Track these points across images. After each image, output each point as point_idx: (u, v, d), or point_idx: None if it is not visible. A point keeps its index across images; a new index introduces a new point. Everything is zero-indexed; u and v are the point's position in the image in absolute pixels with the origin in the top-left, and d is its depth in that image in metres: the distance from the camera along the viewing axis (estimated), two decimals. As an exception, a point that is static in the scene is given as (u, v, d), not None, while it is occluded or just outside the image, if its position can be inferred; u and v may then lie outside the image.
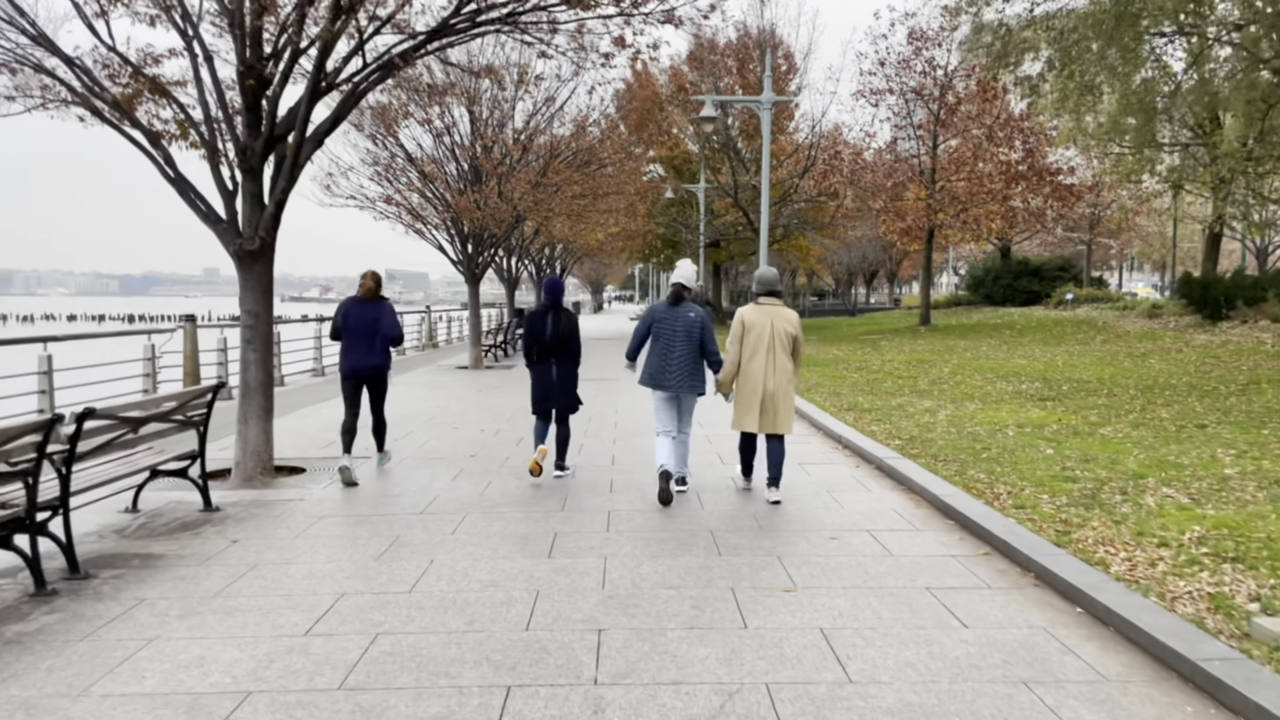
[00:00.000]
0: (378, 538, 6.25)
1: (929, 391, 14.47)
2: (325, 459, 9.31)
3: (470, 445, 10.12)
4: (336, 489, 7.88)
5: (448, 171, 19.57)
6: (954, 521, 6.59)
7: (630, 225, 31.26)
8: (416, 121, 18.92)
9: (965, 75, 31.11)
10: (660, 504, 7.18)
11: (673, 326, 7.44)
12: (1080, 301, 37.84)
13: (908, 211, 31.07)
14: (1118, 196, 41.00)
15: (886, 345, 26.06)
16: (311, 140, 8.49)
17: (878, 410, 12.17)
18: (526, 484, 8.01)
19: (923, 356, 21.38)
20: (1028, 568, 5.42)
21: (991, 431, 10.29)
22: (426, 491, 7.73)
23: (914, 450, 9.15)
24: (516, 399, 14.66)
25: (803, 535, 6.25)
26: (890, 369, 18.46)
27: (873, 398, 13.67)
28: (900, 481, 7.93)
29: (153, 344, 12.69)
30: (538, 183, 19.53)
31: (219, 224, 8.38)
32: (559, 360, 8.27)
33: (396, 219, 20.07)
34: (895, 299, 77.82)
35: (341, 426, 8.44)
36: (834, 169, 31.39)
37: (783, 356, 7.26)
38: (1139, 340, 23.52)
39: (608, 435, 10.88)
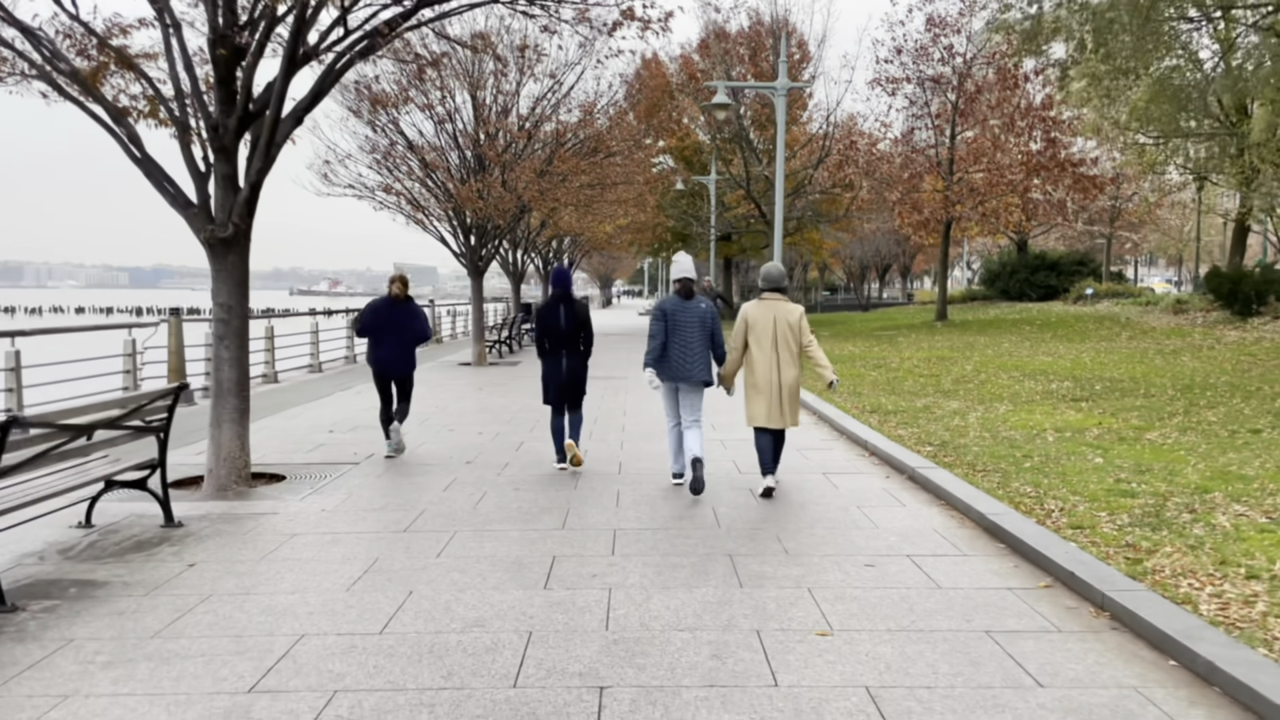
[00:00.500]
0: (353, 561, 5.52)
1: (954, 391, 13.68)
2: (309, 465, 8.59)
3: (466, 450, 9.39)
4: (315, 500, 7.16)
5: (449, 160, 18.84)
6: (1005, 545, 5.83)
7: (640, 217, 30.51)
8: (417, 107, 18.19)
9: (985, 63, 30.23)
10: (692, 494, 7.29)
11: (689, 319, 7.47)
12: (1100, 296, 36.92)
13: (924, 203, 30.21)
14: (1139, 189, 40.04)
15: (904, 341, 25.25)
16: (290, 118, 7.76)
17: (903, 412, 11.40)
18: (524, 496, 7.28)
19: (943, 353, 20.58)
20: (1101, 606, 4.66)
21: (1029, 436, 9.52)
22: (414, 504, 7.00)
23: (947, 458, 8.39)
24: (520, 398, 13.93)
25: (834, 561, 5.49)
26: (910, 367, 17.68)
27: (896, 398, 12.89)
28: (937, 495, 7.16)
29: (133, 339, 11.99)
30: (543, 171, 18.78)
31: (189, 209, 7.66)
32: (570, 351, 8.33)
33: (396, 209, 19.36)
34: (908, 294, 76.84)
35: (379, 417, 9.39)
36: (849, 159, 30.53)
37: (786, 352, 7.28)
38: (1167, 337, 22.66)
39: (614, 439, 10.13)
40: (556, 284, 8.41)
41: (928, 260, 71.58)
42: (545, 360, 8.39)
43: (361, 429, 10.73)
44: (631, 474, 8.16)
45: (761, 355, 7.28)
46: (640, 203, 27.66)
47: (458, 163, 18.90)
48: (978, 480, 7.36)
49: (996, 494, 6.91)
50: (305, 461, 8.77)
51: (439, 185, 18.66)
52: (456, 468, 8.45)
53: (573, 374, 8.36)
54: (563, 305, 8.29)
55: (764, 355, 7.27)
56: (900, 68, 31.23)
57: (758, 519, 6.53)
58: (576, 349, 8.35)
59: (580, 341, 8.36)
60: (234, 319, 7.74)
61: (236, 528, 6.34)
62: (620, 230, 31.43)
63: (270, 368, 16.22)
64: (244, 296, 7.82)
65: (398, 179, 18.66)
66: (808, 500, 7.11)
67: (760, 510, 6.79)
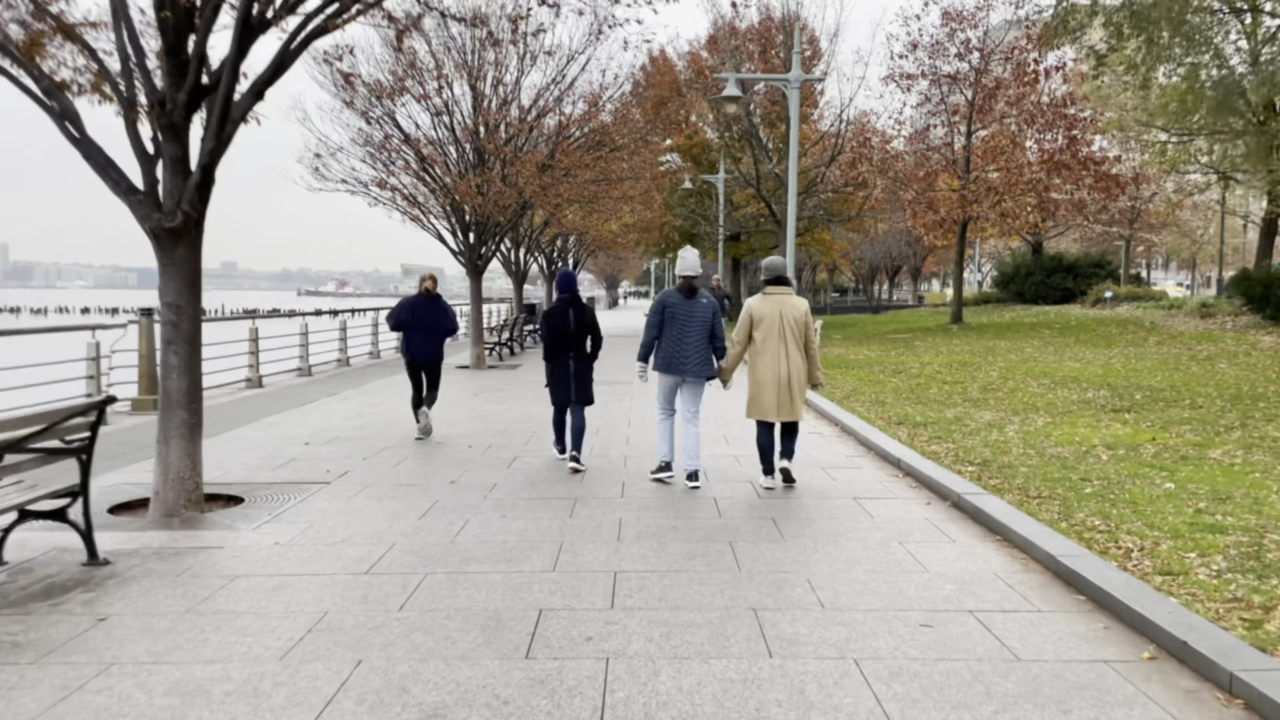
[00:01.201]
0: (297, 615, 4.57)
1: (984, 401, 12.69)
2: (273, 485, 7.64)
3: (452, 466, 8.43)
4: (271, 530, 6.21)
5: (447, 154, 17.90)
6: (1085, 596, 4.84)
7: (647, 215, 29.56)
8: (413, 97, 17.26)
9: (1003, 58, 29.23)
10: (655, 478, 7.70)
11: (689, 313, 7.54)
12: (1119, 299, 35.86)
13: (940, 203, 29.20)
14: (1159, 189, 38.97)
15: (921, 345, 24.24)
16: (249, 93, 6.81)
17: (934, 424, 10.41)
18: (512, 525, 6.32)
19: (964, 358, 19.58)
20: (1230, 689, 3.67)
21: (1079, 454, 8.53)
22: (383, 536, 6.04)
23: (994, 480, 7.41)
24: (517, 405, 12.98)
25: (882, 619, 4.51)
26: (932, 372, 16.68)
27: (923, 408, 11.91)
28: (990, 528, 6.18)
29: (97, 341, 11.05)
30: (545, 166, 17.83)
31: (133, 195, 6.71)
32: (577, 354, 8.46)
33: (392, 205, 18.42)
34: (919, 296, 75.77)
35: (410, 401, 10.44)
36: (862, 157, 29.54)
37: (793, 345, 7.31)
38: (1197, 342, 21.62)
39: (618, 453, 9.16)
40: (562, 288, 8.54)
41: (938, 262, 70.54)
42: (552, 363, 8.52)
43: (341, 441, 9.78)
44: (636, 496, 7.20)
45: (768, 348, 7.28)
46: (647, 200, 26.73)
47: (456, 157, 17.97)
48: (1035, 510, 6.38)
49: (1059, 527, 5.93)
50: (270, 480, 7.82)
51: (436, 180, 17.74)
52: (438, 488, 7.49)
53: (580, 376, 8.49)
54: (571, 309, 8.41)
55: (770, 348, 7.27)
56: (915, 63, 30.23)
57: (784, 557, 5.56)
58: (584, 351, 8.49)
59: (588, 344, 8.50)
60: (184, 321, 6.79)
61: (171, 566, 5.39)
62: (626, 229, 30.47)
63: (254, 371, 15.29)
64: (195, 295, 6.87)
65: (393, 173, 17.74)
66: (840, 532, 6.13)
67: (786, 547, 5.81)
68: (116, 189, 6.72)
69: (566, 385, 8.47)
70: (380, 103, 17.35)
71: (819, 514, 6.65)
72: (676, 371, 7.54)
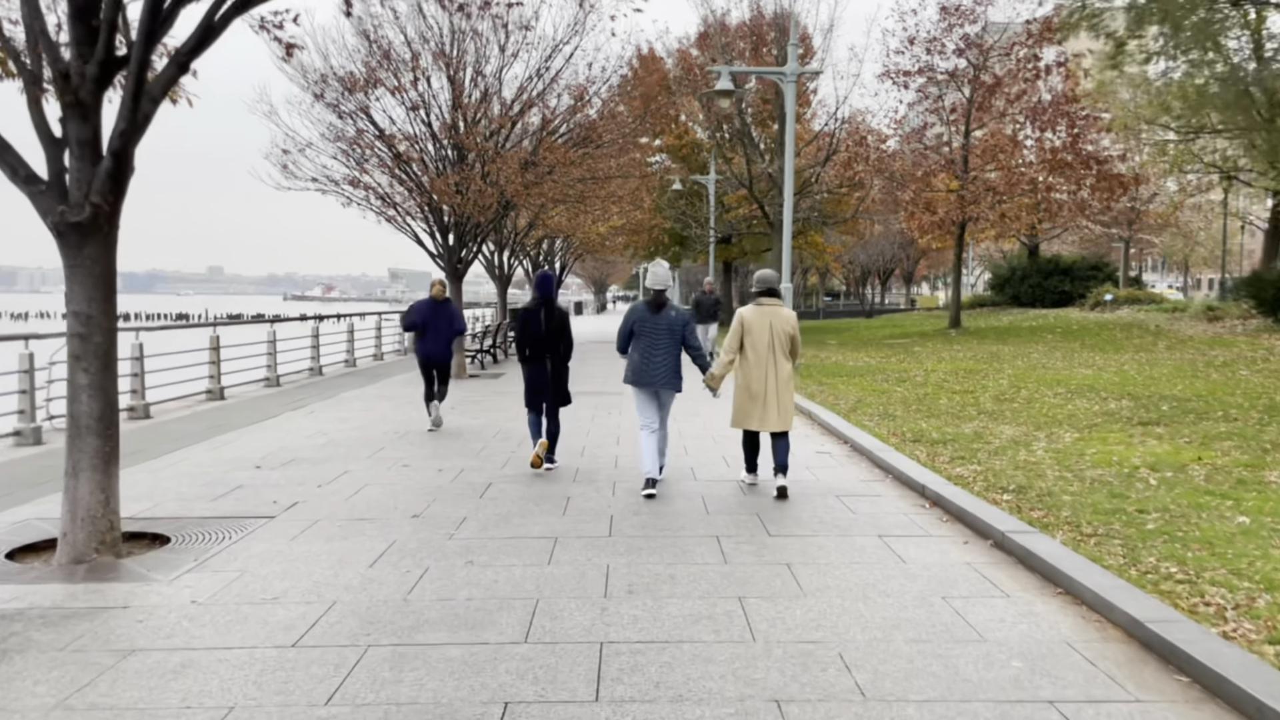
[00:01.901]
0: (193, 715, 3.57)
1: (1000, 413, 11.76)
2: (210, 519, 6.63)
3: (418, 497, 7.43)
4: (192, 582, 5.20)
5: (424, 150, 16.91)
6: (1189, 678, 3.88)
7: (635, 217, 28.63)
8: (388, 90, 16.26)
9: (1003, 54, 28.40)
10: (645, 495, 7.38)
11: (655, 328, 7.57)
12: (1120, 302, 35.08)
13: (939, 203, 28.33)
14: (1159, 189, 38.23)
15: (921, 351, 23.35)
16: (172, 64, 5.81)
17: (953, 442, 9.47)
18: (480, 575, 5.33)
19: (969, 365, 18.67)
20: None
21: (1123, 477, 7.60)
22: (323, 590, 5.04)
23: (1037, 512, 6.46)
24: (497, 418, 11.98)
25: (942, 716, 3.54)
26: (938, 381, 15.76)
27: (937, 422, 10.97)
28: (1047, 577, 5.21)
29: (30, 353, 9.99)
30: (528, 163, 16.86)
31: (33, 185, 5.71)
32: (552, 356, 8.43)
33: (366, 205, 17.41)
34: (910, 300, 75.02)
35: (423, 395, 11.25)
36: (858, 156, 28.64)
37: (781, 356, 7.40)
38: (1210, 346, 20.78)
39: (605, 478, 8.18)
40: (540, 289, 8.55)
41: (929, 265, 69.83)
42: (528, 365, 8.49)
43: (297, 463, 8.77)
44: (626, 533, 6.22)
45: (757, 359, 7.36)
46: (635, 200, 25.79)
47: (433, 154, 16.97)
48: (1096, 554, 5.42)
49: (1129, 576, 4.98)
50: (207, 514, 6.81)
51: (412, 178, 16.74)
52: (398, 524, 6.49)
53: (556, 379, 8.48)
54: (543, 309, 8.38)
55: (760, 359, 7.35)
56: (912, 60, 29.37)
57: (806, 619, 4.58)
58: (558, 353, 8.47)
59: (560, 346, 8.45)
60: (95, 333, 5.78)
61: (57, 636, 4.39)
62: (615, 231, 29.51)
63: (215, 383, 14.24)
64: (109, 303, 5.85)
65: (366, 171, 16.73)
66: (869, 583, 5.16)
67: (808, 604, 4.84)
68: (14, 177, 5.72)
69: (542, 387, 8.48)
70: (352, 96, 16.37)
71: (840, 557, 5.68)
72: (644, 383, 7.57)
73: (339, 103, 16.31)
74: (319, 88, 16.07)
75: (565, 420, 11.65)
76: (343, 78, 16.26)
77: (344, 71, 16.27)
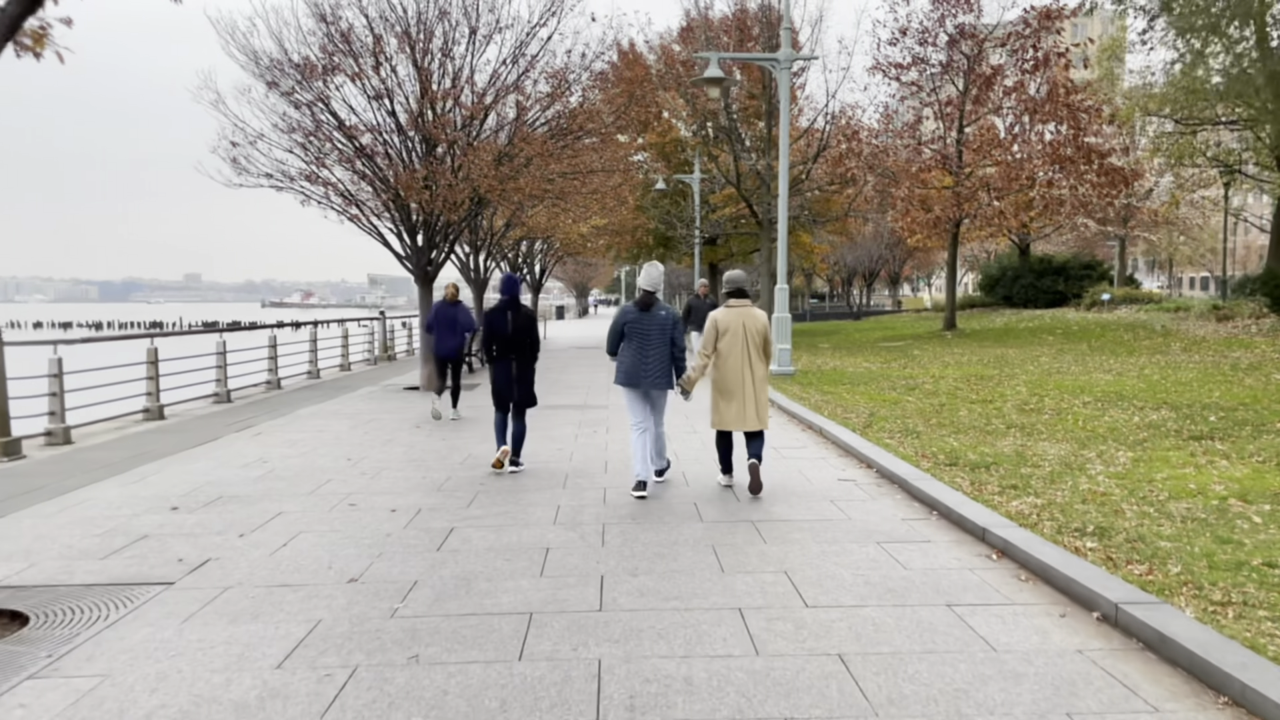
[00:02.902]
0: None
1: (1031, 427, 10.47)
2: (90, 587, 5.19)
3: (360, 550, 6.01)
4: (23, 699, 3.78)
5: (389, 142, 15.47)
6: None
7: (619, 216, 27.26)
8: (348, 77, 14.83)
9: (999, 44, 27.26)
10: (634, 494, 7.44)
11: (646, 328, 7.56)
12: (1117, 302, 34.03)
13: (934, 201, 27.14)
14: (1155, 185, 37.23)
15: (921, 355, 22.10)
16: None
17: (996, 465, 8.14)
18: (419, 684, 3.93)
19: (977, 370, 17.41)
20: None
21: (1216, 512, 6.30)
22: (206, 708, 3.63)
23: (1134, 565, 5.12)
24: (467, 441, 10.58)
25: None
26: (950, 388, 14.47)
27: (967, 439, 9.65)
28: (1199, 675, 3.86)
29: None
30: (502, 157, 15.46)
31: None
32: (518, 356, 8.55)
33: (325, 203, 15.95)
34: (897, 301, 73.99)
35: (435, 389, 12.50)
36: (850, 152, 27.41)
37: (756, 356, 7.48)
38: (1227, 348, 19.64)
39: (591, 518, 6.79)
40: (506, 291, 8.65)
41: (916, 266, 68.85)
42: (494, 366, 8.58)
43: (224, 502, 7.34)
44: (623, 607, 4.82)
45: (732, 360, 7.44)
46: (619, 197, 24.43)
47: (398, 146, 15.54)
48: (1248, 635, 4.09)
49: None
50: (91, 579, 5.38)
51: (376, 173, 15.31)
52: (329, 593, 5.09)
53: (521, 379, 8.62)
54: (509, 311, 8.48)
55: (734, 360, 7.44)
56: (904, 51, 28.22)
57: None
58: (524, 353, 8.57)
59: (525, 346, 8.55)
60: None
61: None
62: (597, 232, 28.12)
63: (154, 400, 12.76)
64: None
65: (325, 165, 15.28)
66: (959, 690, 3.79)
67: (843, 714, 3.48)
68: None
69: (508, 387, 8.58)
70: (309, 84, 14.92)
71: (905, 641, 4.32)
72: (637, 384, 7.55)
73: (294, 91, 14.86)
74: (271, 74, 14.61)
75: (543, 442, 10.30)
76: (299, 64, 14.82)
77: (299, 57, 14.83)
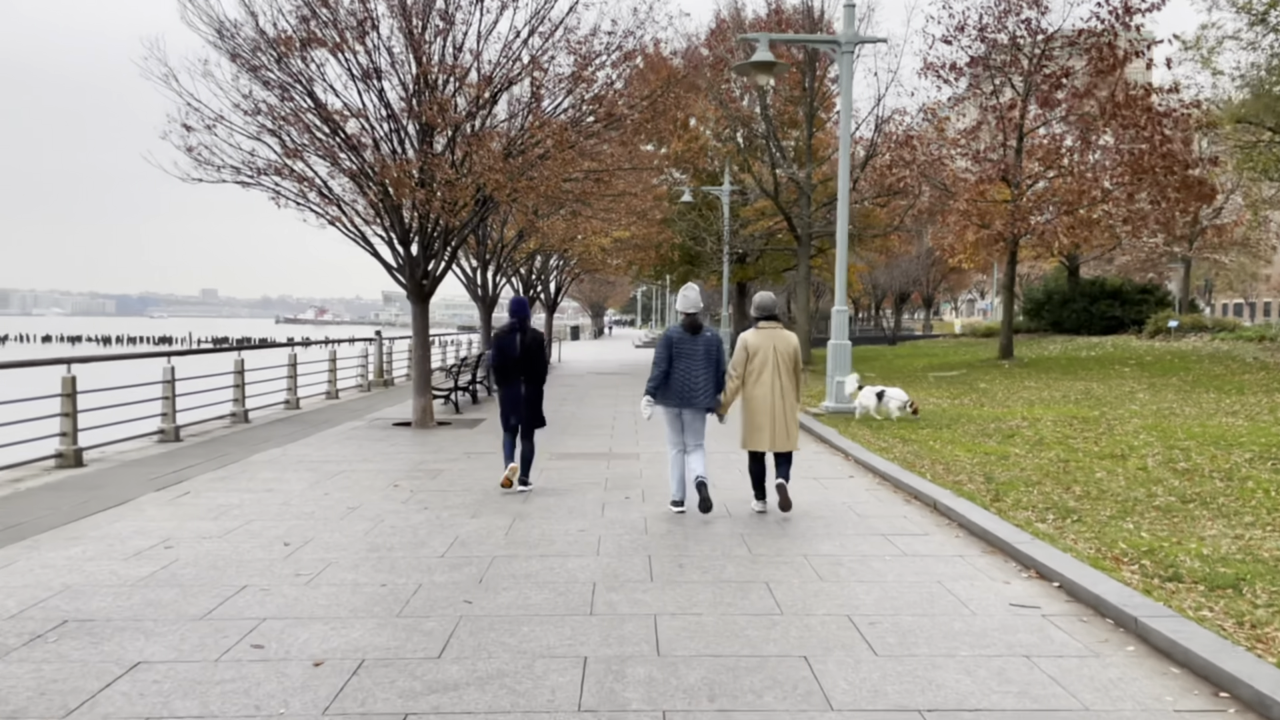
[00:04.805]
0: None
1: (1213, 499, 7.70)
2: None
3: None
4: None
5: (376, 131, 12.87)
6: None
7: (642, 230, 24.64)
8: (328, 50, 12.28)
9: (1068, 43, 24.57)
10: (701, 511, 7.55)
11: (693, 350, 7.67)
12: (1185, 330, 31.15)
13: (995, 215, 24.40)
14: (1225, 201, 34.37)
15: (988, 388, 19.30)
16: None
17: (1247, 583, 5.36)
18: None
19: (1069, 410, 14.60)
20: None
21: None
22: None
23: None
24: (457, 511, 7.86)
25: None
26: (1055, 435, 11.69)
27: (1147, 522, 6.88)
28: None
29: None
30: (513, 147, 12.85)
31: None
32: (527, 377, 8.62)
33: (302, 203, 13.34)
34: (925, 325, 71.09)
35: None
36: (902, 161, 24.73)
37: (786, 378, 7.63)
38: (1359, 386, 16.77)
39: (641, 698, 4.07)
40: (515, 313, 8.71)
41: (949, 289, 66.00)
42: (503, 388, 8.64)
43: (61, 636, 4.65)
44: None
45: (763, 381, 7.58)
46: (642, 209, 21.81)
47: (386, 133, 12.93)
48: None
49: None
50: None
51: (359, 165, 12.71)
52: None
53: (530, 401, 8.65)
54: (518, 334, 8.55)
55: (765, 381, 7.57)
56: (960, 51, 25.56)
57: None
58: (533, 375, 8.64)
59: (534, 368, 8.59)
60: None
61: None
62: (620, 246, 25.49)
63: (69, 442, 10.12)
64: None
65: (301, 156, 12.68)
66: None
67: None
68: None
69: (516, 409, 8.62)
70: (286, 61, 12.38)
71: None
72: (686, 404, 7.65)
73: (264, 67, 12.31)
74: (231, 44, 12.06)
75: (558, 516, 7.60)
76: (272, 38, 12.28)
77: (278, 29, 12.27)
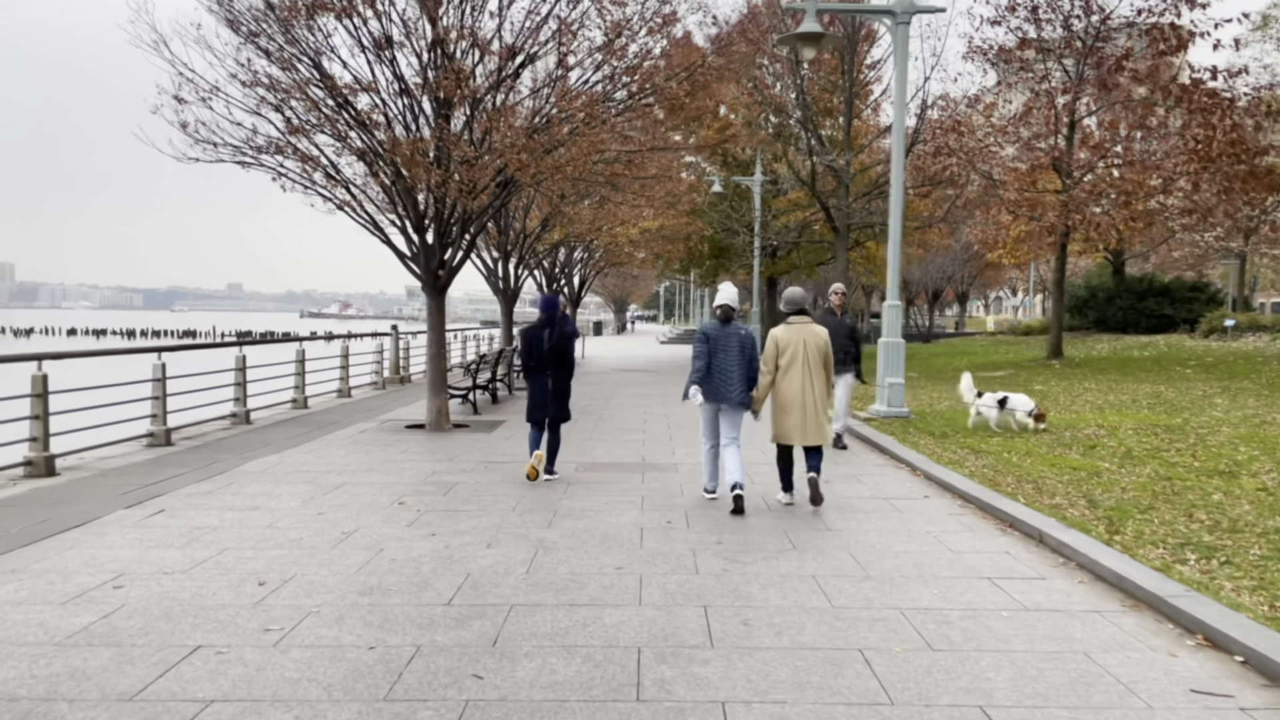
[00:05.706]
0: None
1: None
2: None
3: None
4: None
5: (386, 103, 11.70)
6: None
7: (673, 223, 23.37)
8: (333, 14, 11.11)
9: (1127, 24, 23.07)
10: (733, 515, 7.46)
11: (729, 344, 7.70)
12: (1242, 329, 29.53)
13: (1048, 206, 22.95)
14: None
15: (1046, 390, 17.90)
16: None
17: None
18: None
19: (1145, 416, 13.21)
20: None
21: None
22: None
23: None
24: (472, 544, 6.66)
25: None
26: (1141, 447, 10.34)
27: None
28: None
29: None
30: (538, 121, 11.64)
31: None
32: (555, 372, 8.78)
33: (309, 185, 12.19)
34: (956, 323, 69.34)
35: None
36: (947, 149, 23.32)
37: (817, 372, 7.67)
38: None
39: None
40: (545, 310, 8.90)
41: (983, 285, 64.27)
42: (531, 380, 8.80)
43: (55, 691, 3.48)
44: None
45: (793, 375, 7.63)
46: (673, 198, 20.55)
47: (399, 110, 11.75)
48: None
49: None
50: None
51: (368, 143, 11.54)
52: None
53: (558, 395, 8.80)
54: (547, 330, 8.74)
55: (795, 374, 7.63)
56: (1010, 33, 24.11)
57: None
58: (561, 370, 8.80)
59: (562, 363, 8.79)
60: None
61: None
62: (647, 237, 24.25)
63: (39, 449, 9.00)
64: None
65: (302, 131, 11.53)
66: None
67: None
68: None
69: (543, 403, 8.74)
70: (289, 27, 11.24)
71: None
72: (720, 399, 7.69)
73: (265, 33, 11.16)
74: (229, 8, 10.92)
75: (586, 551, 6.36)
76: (274, 2, 11.14)
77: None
